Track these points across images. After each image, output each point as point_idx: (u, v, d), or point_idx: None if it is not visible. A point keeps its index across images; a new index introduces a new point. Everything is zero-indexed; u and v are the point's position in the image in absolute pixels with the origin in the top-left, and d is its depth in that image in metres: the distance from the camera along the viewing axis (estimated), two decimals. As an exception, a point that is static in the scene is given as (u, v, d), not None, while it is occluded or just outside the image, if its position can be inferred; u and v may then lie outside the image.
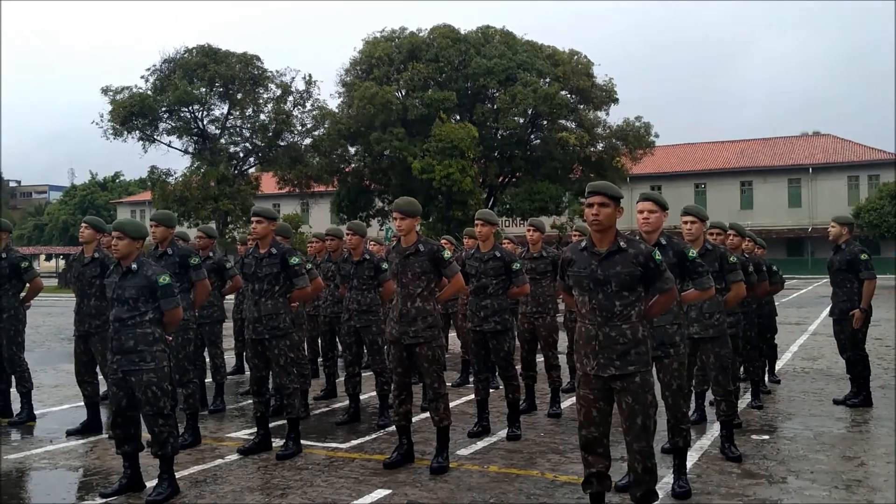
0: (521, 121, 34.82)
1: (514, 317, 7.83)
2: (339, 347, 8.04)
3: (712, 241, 6.07)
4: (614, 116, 37.87)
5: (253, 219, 6.21)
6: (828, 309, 8.30)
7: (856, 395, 7.81)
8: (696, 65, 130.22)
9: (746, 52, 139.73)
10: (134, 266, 5.14)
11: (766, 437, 6.52)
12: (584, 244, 4.32)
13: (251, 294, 6.19)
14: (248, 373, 6.90)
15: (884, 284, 29.67)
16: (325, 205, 42.62)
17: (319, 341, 8.72)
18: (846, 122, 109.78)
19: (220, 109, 36.38)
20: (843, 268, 7.67)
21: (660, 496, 4.37)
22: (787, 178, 46.86)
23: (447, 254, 5.73)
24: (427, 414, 7.45)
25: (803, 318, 17.57)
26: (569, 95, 34.72)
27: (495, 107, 34.32)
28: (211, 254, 7.88)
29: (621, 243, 4.18)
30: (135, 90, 34.55)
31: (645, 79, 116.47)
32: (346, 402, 7.52)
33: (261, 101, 36.01)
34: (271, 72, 35.95)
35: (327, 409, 7.94)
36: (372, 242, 9.34)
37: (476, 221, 6.77)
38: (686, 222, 5.73)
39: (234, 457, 6.05)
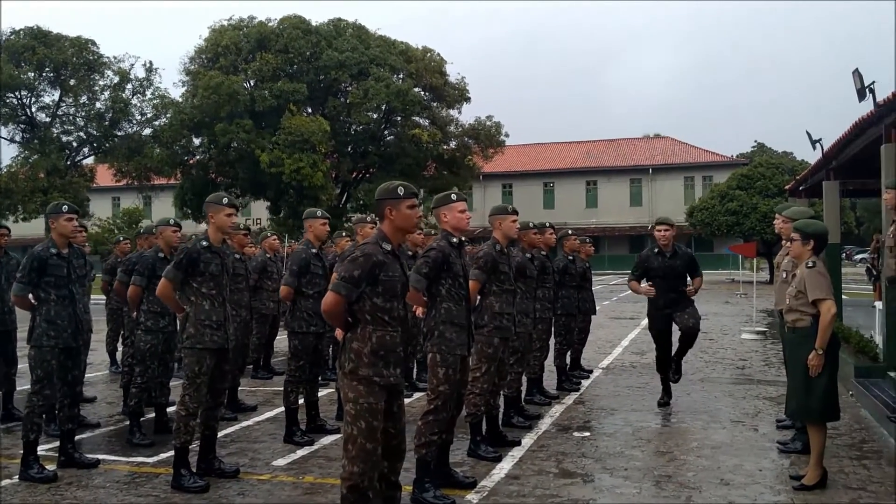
0: (375, 116, 34.57)
1: None
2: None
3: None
4: (466, 115, 38.23)
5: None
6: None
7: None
8: (553, 70, 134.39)
9: (603, 64, 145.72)
10: None
11: (588, 433, 6.57)
12: (390, 248, 3.90)
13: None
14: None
15: (715, 280, 31.56)
16: (167, 198, 40.57)
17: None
18: (684, 126, 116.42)
19: (51, 96, 33.76)
20: (683, 270, 7.73)
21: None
22: (629, 178, 49.00)
23: None
24: (241, 424, 7.09)
25: (638, 313, 18.26)
26: (422, 92, 34.77)
27: (348, 101, 33.79)
28: None
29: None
30: (-47, 73, 31.64)
31: (500, 80, 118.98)
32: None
33: (96, 88, 33.73)
34: (108, 57, 33.71)
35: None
36: None
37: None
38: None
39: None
